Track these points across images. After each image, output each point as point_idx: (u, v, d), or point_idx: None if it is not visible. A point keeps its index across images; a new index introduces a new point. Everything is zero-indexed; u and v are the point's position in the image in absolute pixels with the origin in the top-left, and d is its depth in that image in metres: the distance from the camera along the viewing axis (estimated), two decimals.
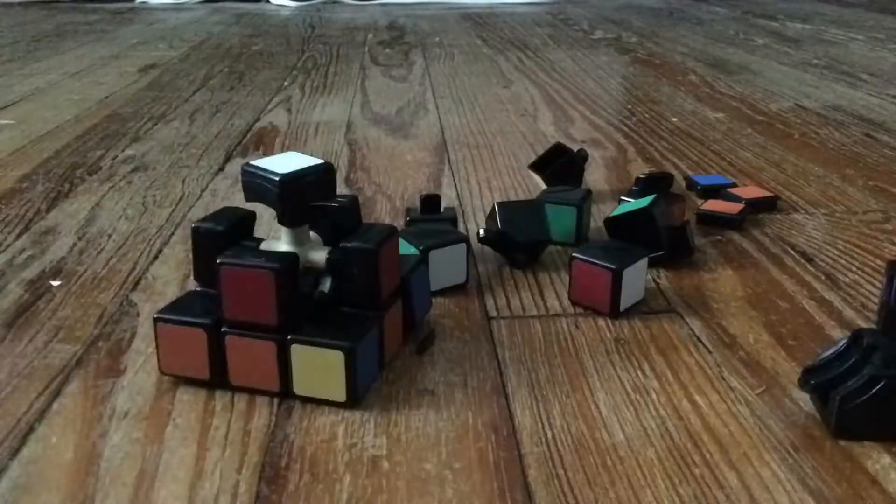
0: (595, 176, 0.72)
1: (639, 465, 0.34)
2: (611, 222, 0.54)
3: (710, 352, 0.43)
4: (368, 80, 1.20)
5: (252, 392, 0.39)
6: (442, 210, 0.56)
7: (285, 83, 1.17)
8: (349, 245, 0.39)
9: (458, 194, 0.68)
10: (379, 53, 1.45)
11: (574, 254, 0.47)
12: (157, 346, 0.39)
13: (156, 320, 0.39)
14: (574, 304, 0.48)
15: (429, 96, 1.08)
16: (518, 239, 0.52)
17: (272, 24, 1.89)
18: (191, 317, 0.39)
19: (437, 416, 0.37)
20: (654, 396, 0.39)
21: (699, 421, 0.37)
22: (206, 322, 0.38)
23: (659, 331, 0.45)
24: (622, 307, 0.46)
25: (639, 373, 0.41)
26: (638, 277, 0.47)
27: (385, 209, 0.64)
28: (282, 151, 0.81)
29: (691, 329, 0.45)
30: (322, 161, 0.39)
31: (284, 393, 0.38)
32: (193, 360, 0.39)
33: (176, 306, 0.40)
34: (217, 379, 0.39)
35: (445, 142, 0.84)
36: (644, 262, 0.48)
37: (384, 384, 0.40)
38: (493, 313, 0.47)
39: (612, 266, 0.45)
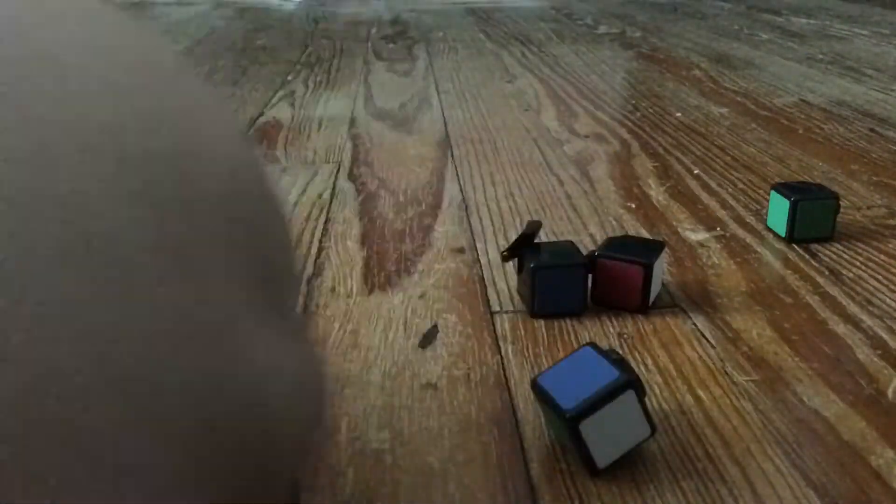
0: (599, 171, 0.72)
1: (641, 459, 0.34)
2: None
3: (713, 347, 0.43)
4: (372, 74, 1.20)
5: None
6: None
7: (289, 78, 1.17)
8: None
9: (461, 189, 0.68)
10: (382, 48, 1.45)
11: (597, 253, 0.47)
12: None
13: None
14: (598, 303, 0.47)
15: (432, 91, 1.08)
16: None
17: (276, 18, 1.89)
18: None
19: (439, 410, 0.37)
20: (657, 391, 0.39)
21: (702, 416, 0.37)
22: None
23: (662, 326, 0.45)
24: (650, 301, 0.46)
25: (642, 368, 0.41)
26: (660, 270, 0.47)
27: (388, 204, 0.64)
28: (285, 147, 0.82)
29: (694, 324, 0.45)
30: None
31: None
32: None
33: None
34: None
35: (449, 136, 0.84)
36: (664, 254, 0.48)
37: (387, 378, 0.40)
38: (496, 308, 0.47)
39: (643, 261, 0.45)
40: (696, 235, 0.58)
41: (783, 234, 0.56)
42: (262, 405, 0.14)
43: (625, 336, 0.44)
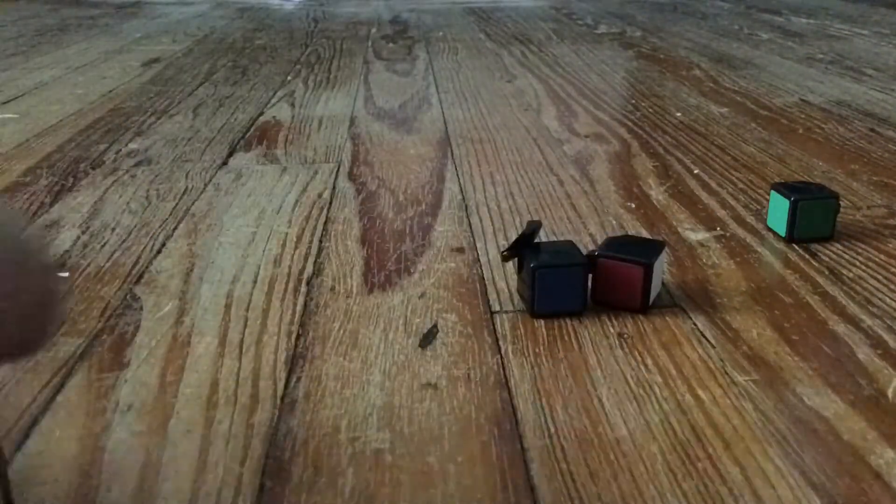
0: (599, 171, 0.72)
1: (642, 459, 0.34)
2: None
3: (713, 346, 0.43)
4: (372, 74, 1.20)
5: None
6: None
7: (288, 77, 1.17)
8: None
9: (461, 189, 0.68)
10: (382, 48, 1.45)
11: (597, 253, 0.47)
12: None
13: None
14: (598, 303, 0.47)
15: (432, 91, 1.08)
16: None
17: (275, 18, 1.89)
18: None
19: (439, 409, 0.37)
20: (657, 391, 0.39)
21: (702, 416, 0.37)
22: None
23: (662, 325, 0.45)
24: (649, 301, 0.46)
25: (642, 367, 0.41)
26: (660, 270, 0.47)
27: (388, 203, 0.64)
28: (285, 146, 0.82)
29: (694, 324, 0.45)
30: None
31: None
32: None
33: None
34: None
35: (449, 136, 0.84)
36: (664, 254, 0.48)
37: (387, 378, 0.40)
38: (496, 307, 0.47)
39: (643, 261, 0.45)
40: (696, 235, 0.58)
41: (783, 234, 0.56)
42: None
43: (625, 336, 0.44)
